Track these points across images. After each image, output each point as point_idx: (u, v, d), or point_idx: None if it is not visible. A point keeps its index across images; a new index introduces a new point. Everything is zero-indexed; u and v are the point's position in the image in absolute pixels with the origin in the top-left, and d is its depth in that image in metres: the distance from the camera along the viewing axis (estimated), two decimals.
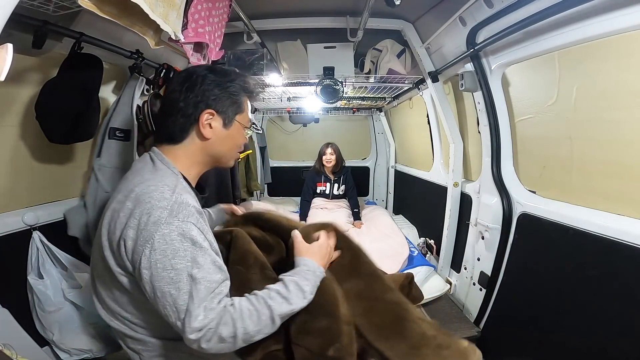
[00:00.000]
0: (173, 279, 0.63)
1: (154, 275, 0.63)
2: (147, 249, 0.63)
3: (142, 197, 0.67)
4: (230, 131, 0.81)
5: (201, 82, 0.76)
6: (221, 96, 0.78)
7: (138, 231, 0.65)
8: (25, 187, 1.26)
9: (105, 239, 0.70)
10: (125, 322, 0.77)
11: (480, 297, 1.56)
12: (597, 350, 0.98)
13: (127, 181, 0.74)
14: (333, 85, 1.94)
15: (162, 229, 0.64)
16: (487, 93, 1.43)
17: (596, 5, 0.88)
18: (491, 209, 1.48)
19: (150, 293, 0.65)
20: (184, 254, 0.64)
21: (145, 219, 0.64)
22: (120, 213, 0.68)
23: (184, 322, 0.63)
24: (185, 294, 0.64)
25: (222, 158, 0.84)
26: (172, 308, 0.64)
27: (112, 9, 0.81)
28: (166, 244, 0.63)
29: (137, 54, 1.43)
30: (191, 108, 0.75)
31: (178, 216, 0.66)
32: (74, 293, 1.27)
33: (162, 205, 0.66)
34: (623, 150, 0.97)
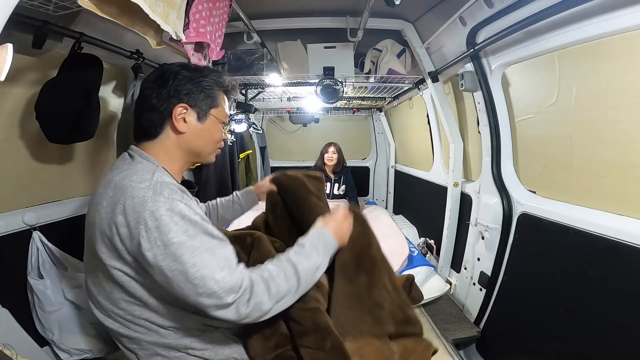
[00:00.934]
0: (176, 254, 0.63)
1: (157, 254, 0.63)
2: (141, 230, 0.63)
3: (122, 183, 0.67)
4: (206, 125, 0.81)
5: (174, 78, 0.77)
6: (194, 90, 0.79)
7: (126, 216, 0.64)
8: (25, 187, 1.26)
9: (95, 235, 0.69)
10: (118, 320, 0.76)
11: (480, 297, 1.56)
12: (597, 350, 0.98)
13: (105, 177, 0.74)
14: (333, 85, 1.94)
15: (149, 207, 0.63)
16: (487, 93, 1.43)
17: (596, 5, 0.88)
18: (491, 209, 1.48)
19: (160, 276, 0.64)
20: (176, 228, 0.64)
21: (130, 202, 0.64)
22: (103, 202, 0.67)
23: (208, 293, 0.63)
24: (193, 266, 0.63)
25: (201, 153, 0.85)
26: (188, 284, 0.63)
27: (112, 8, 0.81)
28: (157, 220, 0.63)
29: (137, 54, 1.43)
30: (164, 103, 0.76)
31: (163, 193, 0.66)
32: (74, 293, 1.27)
33: (144, 186, 0.66)
34: (623, 150, 0.97)
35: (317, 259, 0.78)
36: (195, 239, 0.65)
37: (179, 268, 0.63)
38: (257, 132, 3.40)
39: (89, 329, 1.31)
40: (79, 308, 1.28)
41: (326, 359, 0.79)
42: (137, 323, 0.75)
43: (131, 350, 0.79)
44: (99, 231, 0.68)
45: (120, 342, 0.80)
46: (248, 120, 2.61)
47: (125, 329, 0.76)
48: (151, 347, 0.78)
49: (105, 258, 0.69)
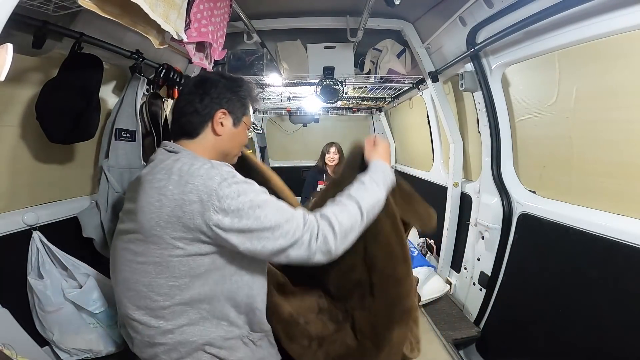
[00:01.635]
0: (249, 211, 0.73)
1: (234, 218, 0.72)
2: (214, 201, 0.71)
3: (186, 168, 0.76)
4: (238, 130, 0.92)
5: (215, 86, 0.88)
6: (232, 99, 0.89)
7: (199, 193, 0.72)
8: (25, 187, 1.26)
9: (157, 218, 0.74)
10: (155, 312, 0.78)
11: (480, 297, 1.56)
12: (597, 350, 0.98)
13: (155, 168, 0.81)
14: (333, 85, 1.94)
15: (214, 181, 0.73)
16: (487, 93, 1.43)
17: (596, 5, 0.88)
18: (491, 209, 1.48)
19: (238, 237, 0.73)
20: (244, 190, 0.75)
21: (199, 180, 0.73)
22: (169, 187, 0.74)
23: (284, 234, 0.74)
24: (266, 216, 0.74)
25: (229, 154, 0.95)
26: (265, 232, 0.73)
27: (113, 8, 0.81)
28: (224, 189, 0.72)
29: (137, 54, 1.43)
30: (207, 108, 0.86)
31: (222, 167, 0.77)
32: (74, 293, 1.26)
33: (208, 167, 0.76)
34: (623, 150, 0.97)
35: (378, 193, 0.87)
36: (259, 195, 0.77)
37: (255, 223, 0.73)
38: (257, 132, 3.40)
39: (89, 329, 1.31)
40: (79, 308, 1.28)
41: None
42: (173, 310, 0.78)
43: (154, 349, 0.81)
44: (166, 214, 0.73)
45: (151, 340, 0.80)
46: None
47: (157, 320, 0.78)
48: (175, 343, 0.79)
49: (169, 238, 0.74)
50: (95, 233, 1.42)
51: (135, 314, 0.80)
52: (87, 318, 1.30)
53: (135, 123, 1.44)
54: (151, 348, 0.81)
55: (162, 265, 0.76)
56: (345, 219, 0.79)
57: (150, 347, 0.82)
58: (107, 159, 1.40)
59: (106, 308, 1.32)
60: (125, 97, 1.44)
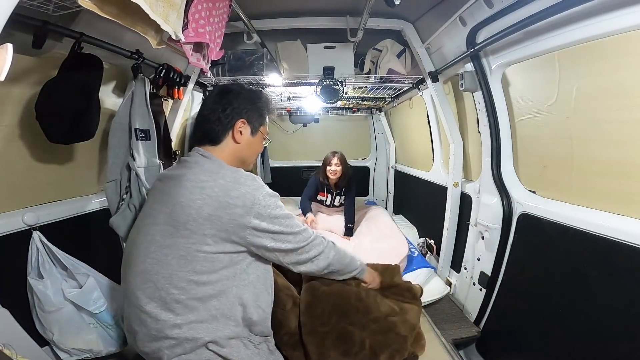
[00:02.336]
0: (281, 220, 0.90)
1: (270, 223, 0.87)
2: (256, 208, 0.85)
3: (232, 175, 0.88)
4: (255, 139, 1.02)
5: (237, 97, 0.98)
6: (252, 109, 0.99)
7: (244, 199, 0.84)
8: (25, 187, 1.26)
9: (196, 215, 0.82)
10: (171, 306, 0.83)
11: (480, 297, 1.56)
12: (596, 350, 0.98)
13: (193, 169, 0.91)
14: (333, 85, 1.94)
15: (260, 193, 0.87)
16: (487, 93, 1.43)
17: (596, 5, 0.88)
18: (491, 209, 1.48)
19: (269, 239, 0.88)
20: (276, 204, 0.90)
21: (245, 189, 0.86)
22: (215, 189, 0.84)
23: (302, 240, 0.94)
24: (290, 226, 0.92)
25: (246, 161, 1.04)
26: (290, 236, 0.91)
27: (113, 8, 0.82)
28: (267, 200, 0.87)
29: (137, 54, 1.43)
30: (229, 117, 0.96)
31: (260, 183, 0.90)
32: (74, 293, 1.26)
33: (251, 178, 0.89)
34: (623, 150, 0.97)
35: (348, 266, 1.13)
36: (284, 210, 0.92)
37: (284, 229, 0.90)
38: None
39: (89, 329, 1.31)
40: (79, 308, 1.28)
41: None
42: (186, 305, 0.83)
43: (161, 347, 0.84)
44: (206, 212, 0.82)
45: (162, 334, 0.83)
46: None
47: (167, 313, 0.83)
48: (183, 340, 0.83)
49: (201, 235, 0.82)
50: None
51: (147, 306, 0.83)
52: (87, 318, 1.30)
53: (149, 122, 1.47)
54: (156, 342, 0.83)
55: (186, 259, 0.83)
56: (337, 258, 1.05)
57: (155, 341, 0.83)
58: (133, 159, 1.41)
59: (106, 308, 1.32)
60: (135, 97, 1.44)
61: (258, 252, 0.91)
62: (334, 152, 2.70)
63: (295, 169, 3.89)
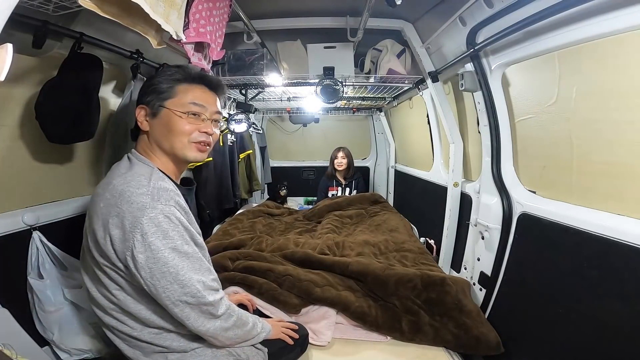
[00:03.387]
0: (169, 257, 0.69)
1: (150, 257, 0.68)
2: (137, 234, 0.67)
3: (121, 188, 0.71)
4: (161, 119, 0.83)
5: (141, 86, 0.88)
6: (147, 91, 0.84)
7: (123, 219, 0.68)
8: (25, 187, 1.26)
9: (91, 233, 0.73)
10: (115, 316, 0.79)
11: (480, 297, 1.56)
12: (597, 350, 0.98)
13: (105, 178, 0.80)
14: (333, 85, 1.94)
15: (148, 214, 0.68)
16: (487, 93, 1.42)
17: (596, 5, 0.88)
18: (491, 209, 1.48)
19: (148, 277, 0.69)
20: (172, 234, 0.70)
21: (127, 207, 0.68)
22: (100, 204, 0.71)
23: (193, 294, 0.72)
24: (183, 269, 0.71)
25: (171, 148, 0.84)
26: (174, 285, 0.70)
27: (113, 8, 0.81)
28: (155, 226, 0.68)
29: (137, 54, 1.43)
30: (135, 109, 0.86)
31: (160, 200, 0.70)
32: (74, 293, 1.27)
33: (142, 192, 0.70)
34: (623, 150, 0.97)
35: (250, 333, 0.92)
36: (188, 244, 0.74)
37: (169, 270, 0.69)
38: (257, 132, 3.40)
39: (89, 329, 1.31)
40: (79, 308, 1.28)
41: None
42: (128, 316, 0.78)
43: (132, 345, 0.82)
44: (94, 230, 0.72)
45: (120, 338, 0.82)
46: (248, 120, 2.61)
47: (121, 325, 0.79)
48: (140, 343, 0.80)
49: (97, 256, 0.73)
50: None
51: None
52: (87, 318, 1.30)
53: None
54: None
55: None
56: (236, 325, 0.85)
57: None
58: None
59: None
60: (134, 97, 1.44)
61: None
62: (339, 148, 3.20)
63: (295, 169, 3.89)
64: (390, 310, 1.41)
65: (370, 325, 1.39)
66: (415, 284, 1.45)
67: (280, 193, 3.54)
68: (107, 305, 0.78)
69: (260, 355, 0.95)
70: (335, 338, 1.38)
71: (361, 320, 1.40)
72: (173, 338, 0.82)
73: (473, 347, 1.32)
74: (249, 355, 0.92)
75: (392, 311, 1.41)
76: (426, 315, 1.39)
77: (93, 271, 0.76)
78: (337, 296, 1.44)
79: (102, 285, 0.76)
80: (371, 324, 1.39)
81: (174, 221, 0.71)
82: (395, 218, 2.55)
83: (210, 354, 0.87)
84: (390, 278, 1.47)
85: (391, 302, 1.44)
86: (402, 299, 1.43)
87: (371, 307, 1.42)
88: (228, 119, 2.51)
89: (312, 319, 1.43)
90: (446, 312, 1.38)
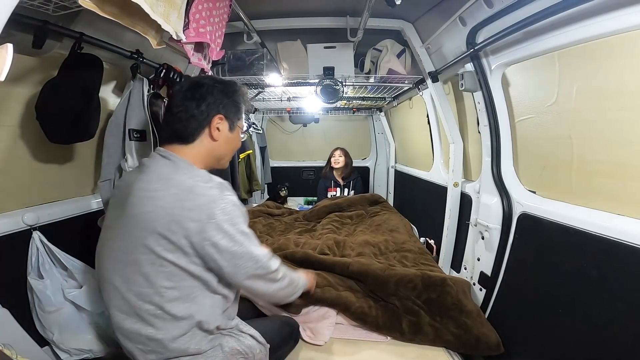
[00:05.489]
0: (243, 239, 0.81)
1: (230, 241, 0.78)
2: (213, 223, 0.76)
3: (188, 182, 0.78)
4: (233, 135, 0.95)
5: (211, 92, 0.88)
6: (229, 104, 0.91)
7: (200, 212, 0.75)
8: (26, 187, 1.26)
9: (150, 228, 0.75)
10: (144, 317, 0.80)
11: (480, 297, 1.56)
12: (597, 350, 0.98)
13: (146, 175, 0.82)
14: (333, 85, 1.94)
15: (219, 204, 0.77)
16: (487, 93, 1.42)
17: (596, 5, 0.88)
18: (491, 209, 1.48)
19: (229, 259, 0.79)
20: (239, 219, 0.81)
21: (201, 200, 0.76)
22: (167, 199, 0.76)
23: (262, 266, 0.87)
24: (255, 245, 0.85)
25: (223, 159, 0.97)
26: (249, 261, 0.83)
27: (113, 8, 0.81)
28: (227, 214, 0.78)
29: (137, 54, 1.43)
30: (204, 114, 0.87)
31: (225, 191, 0.81)
32: (74, 293, 1.27)
33: (211, 186, 0.80)
34: (623, 150, 0.97)
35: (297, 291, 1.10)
36: (246, 225, 0.85)
37: (245, 250, 0.81)
38: (257, 132, 3.40)
39: (89, 329, 1.31)
40: (79, 308, 1.28)
41: None
42: (160, 317, 0.80)
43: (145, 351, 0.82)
44: (159, 225, 0.75)
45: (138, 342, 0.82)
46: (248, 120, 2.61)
47: (146, 327, 0.80)
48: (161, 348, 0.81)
49: (160, 250, 0.75)
50: None
51: (125, 322, 0.83)
52: (87, 318, 1.30)
53: (145, 123, 1.47)
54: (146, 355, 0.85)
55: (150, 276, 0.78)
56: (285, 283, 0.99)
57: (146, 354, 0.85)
58: (125, 160, 1.41)
59: None
60: (132, 98, 1.44)
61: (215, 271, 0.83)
62: (338, 148, 3.20)
63: (295, 169, 3.90)
64: (391, 311, 1.42)
65: (371, 326, 1.39)
66: (416, 285, 1.45)
67: (281, 194, 3.54)
68: (140, 306, 0.78)
69: (263, 352, 0.99)
70: (335, 338, 1.39)
71: (361, 320, 1.40)
72: (193, 340, 0.84)
73: (473, 347, 1.32)
74: (255, 354, 0.95)
75: (393, 311, 1.41)
76: (426, 316, 1.39)
77: (136, 270, 0.77)
78: (338, 296, 1.44)
79: (146, 283, 0.77)
80: (371, 324, 1.39)
81: (238, 207, 0.82)
82: (395, 218, 2.55)
83: (222, 356, 0.89)
84: (391, 278, 1.47)
85: (391, 303, 1.44)
86: (403, 299, 1.43)
87: (371, 307, 1.42)
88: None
89: (311, 318, 1.44)
90: (446, 313, 1.39)
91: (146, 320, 0.79)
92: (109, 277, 0.81)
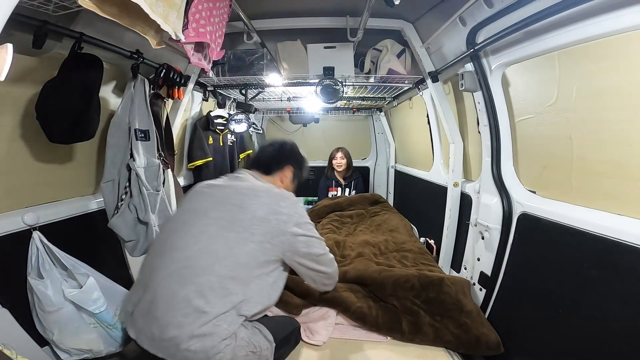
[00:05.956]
0: (311, 230, 1.12)
1: (303, 229, 1.08)
2: (295, 215, 1.07)
3: (279, 190, 1.14)
4: (293, 184, 1.33)
5: (292, 151, 1.33)
6: (298, 167, 1.32)
7: (289, 208, 1.07)
8: (25, 187, 1.26)
9: (253, 218, 1.01)
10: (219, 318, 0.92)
11: (480, 297, 1.56)
12: (597, 350, 0.98)
13: (248, 183, 1.15)
14: (333, 85, 1.94)
15: (298, 207, 1.12)
16: (487, 93, 1.42)
17: (596, 5, 0.88)
18: (491, 209, 1.48)
19: (303, 242, 1.07)
20: (308, 218, 1.13)
21: (289, 201, 1.10)
22: (266, 198, 1.06)
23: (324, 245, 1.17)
24: (318, 236, 1.15)
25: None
26: (316, 245, 1.12)
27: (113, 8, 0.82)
28: (302, 213, 1.12)
29: (137, 54, 1.43)
30: (284, 162, 1.28)
31: (298, 199, 1.20)
32: (74, 293, 1.26)
33: (291, 195, 1.15)
34: (623, 150, 0.97)
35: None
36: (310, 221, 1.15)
37: (316, 240, 1.13)
38: (257, 132, 3.40)
39: (89, 329, 1.31)
40: (79, 308, 1.28)
41: None
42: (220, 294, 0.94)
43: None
44: (260, 215, 1.02)
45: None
46: (248, 120, 2.61)
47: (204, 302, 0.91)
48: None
49: (260, 234, 1.00)
50: (135, 234, 1.50)
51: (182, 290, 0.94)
52: (87, 318, 1.30)
53: (148, 122, 1.48)
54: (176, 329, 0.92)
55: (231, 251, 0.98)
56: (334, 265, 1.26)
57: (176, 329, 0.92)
58: (132, 159, 1.43)
59: (106, 308, 1.32)
60: (135, 98, 1.44)
61: (289, 258, 1.08)
62: (338, 148, 3.21)
63: None
64: (391, 311, 1.42)
65: (371, 326, 1.39)
66: (413, 285, 1.45)
67: None
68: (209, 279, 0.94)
69: (270, 350, 1.04)
70: (335, 338, 1.39)
71: (361, 320, 1.40)
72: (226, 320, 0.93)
73: (473, 347, 1.32)
74: (262, 349, 1.01)
75: (392, 312, 1.41)
76: (426, 316, 1.39)
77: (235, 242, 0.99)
78: (338, 297, 1.44)
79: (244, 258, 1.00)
80: (371, 324, 1.39)
81: (304, 209, 1.18)
82: (395, 218, 2.55)
83: (234, 344, 0.94)
84: (388, 280, 1.47)
85: (391, 303, 1.44)
86: (401, 299, 1.43)
87: (371, 307, 1.42)
88: (228, 119, 2.51)
89: (311, 318, 1.44)
90: (446, 312, 1.39)
91: (203, 291, 0.92)
92: (183, 247, 0.98)
